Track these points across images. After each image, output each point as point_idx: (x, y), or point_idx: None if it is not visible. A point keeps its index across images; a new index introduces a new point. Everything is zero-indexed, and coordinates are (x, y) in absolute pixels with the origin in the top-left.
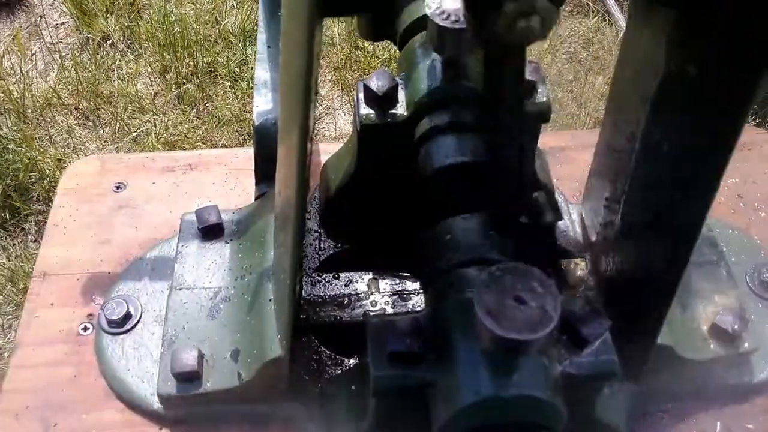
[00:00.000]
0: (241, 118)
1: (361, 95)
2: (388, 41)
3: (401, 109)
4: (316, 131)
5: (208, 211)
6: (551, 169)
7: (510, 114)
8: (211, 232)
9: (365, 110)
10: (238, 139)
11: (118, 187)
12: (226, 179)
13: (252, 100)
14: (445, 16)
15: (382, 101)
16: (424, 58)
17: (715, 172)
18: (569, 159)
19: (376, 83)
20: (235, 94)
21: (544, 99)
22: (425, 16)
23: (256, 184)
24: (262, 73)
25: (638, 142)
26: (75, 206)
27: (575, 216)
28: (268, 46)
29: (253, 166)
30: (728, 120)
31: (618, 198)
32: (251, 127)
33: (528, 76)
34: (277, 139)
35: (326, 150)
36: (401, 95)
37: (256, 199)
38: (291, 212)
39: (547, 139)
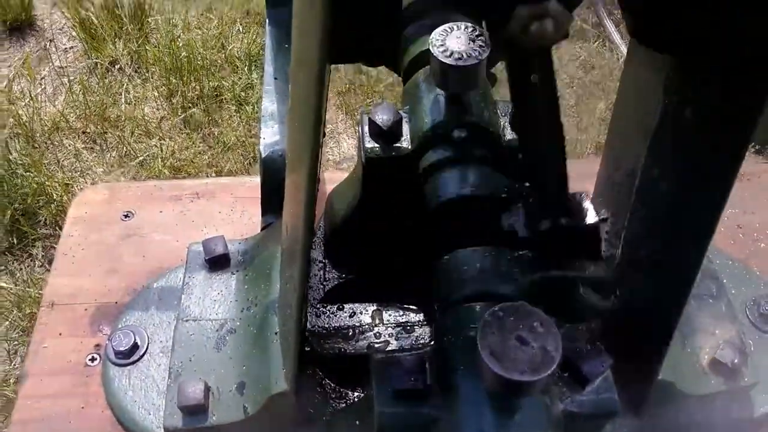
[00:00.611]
0: (246, 142)
1: (366, 128)
2: None
3: (405, 143)
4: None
5: (215, 242)
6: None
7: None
8: (217, 262)
9: (370, 143)
10: (243, 164)
11: (126, 216)
12: (233, 208)
13: (257, 124)
14: (448, 53)
15: (387, 135)
16: (428, 92)
17: (712, 212)
18: (572, 188)
19: (381, 117)
20: (240, 118)
21: None
22: (429, 50)
23: (263, 214)
24: (269, 104)
25: (638, 179)
26: (84, 235)
27: None
28: (275, 78)
29: (258, 195)
30: (724, 163)
31: (618, 233)
32: (256, 152)
33: None
34: (283, 170)
35: (331, 178)
36: (405, 129)
37: (262, 230)
38: (298, 247)
39: None
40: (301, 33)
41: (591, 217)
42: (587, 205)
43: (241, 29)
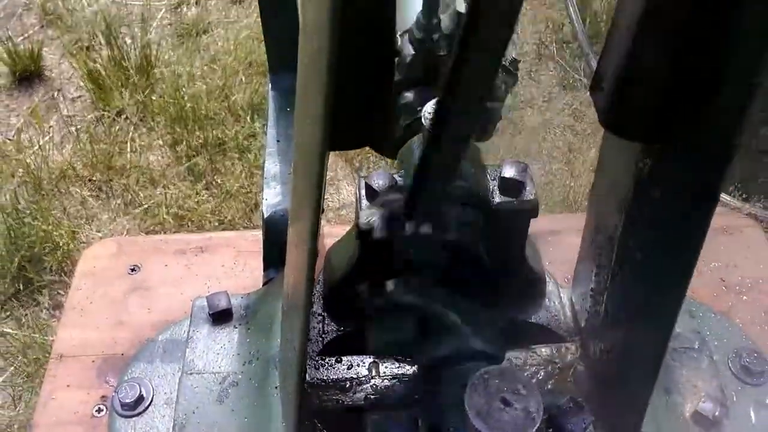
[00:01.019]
0: (248, 189)
1: (363, 192)
2: None
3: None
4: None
5: (218, 297)
6: (545, 252)
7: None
8: (220, 317)
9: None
10: (245, 211)
11: (132, 270)
12: (235, 261)
13: (258, 171)
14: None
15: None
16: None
17: (684, 276)
18: (562, 242)
19: (377, 182)
20: (242, 166)
21: (532, 197)
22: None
23: (264, 269)
24: (271, 166)
25: (616, 245)
26: (92, 288)
27: (566, 300)
28: (278, 140)
29: (259, 248)
30: (693, 235)
31: (601, 291)
32: (258, 201)
33: (516, 176)
34: (284, 229)
35: (330, 233)
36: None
37: (263, 285)
38: (300, 301)
39: (540, 223)
40: (302, 122)
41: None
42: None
43: (243, 79)
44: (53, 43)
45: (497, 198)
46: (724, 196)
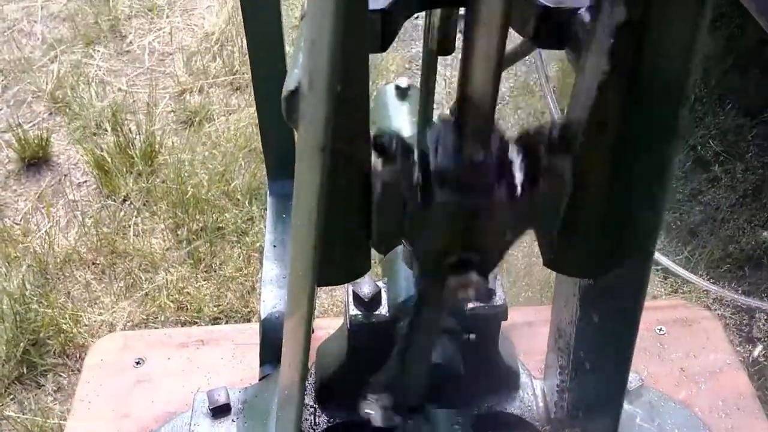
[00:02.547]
0: (245, 272)
1: (351, 298)
2: None
3: (384, 310)
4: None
5: (218, 392)
6: (519, 344)
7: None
8: (220, 411)
9: (354, 311)
10: (242, 293)
11: (137, 363)
12: (234, 354)
13: (256, 255)
14: None
15: (368, 304)
16: (402, 267)
17: (615, 397)
18: (536, 334)
19: (362, 290)
20: (240, 249)
21: (501, 302)
22: None
23: (261, 365)
24: (269, 270)
25: (572, 351)
26: (99, 381)
27: (539, 391)
28: (274, 246)
29: (256, 342)
30: (626, 353)
31: (564, 388)
32: (254, 282)
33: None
34: (279, 330)
35: (319, 325)
36: (384, 297)
37: (260, 380)
38: (294, 390)
39: (514, 315)
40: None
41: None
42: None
43: (243, 164)
44: (61, 129)
45: (471, 304)
46: (694, 278)
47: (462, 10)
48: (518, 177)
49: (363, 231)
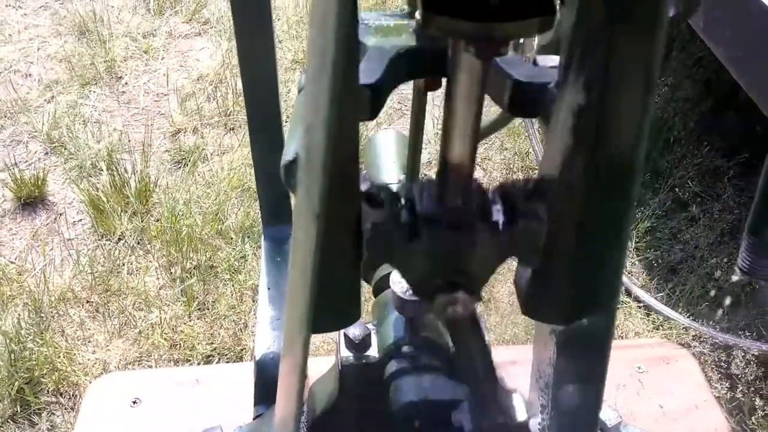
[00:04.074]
0: (238, 310)
1: (342, 340)
2: None
3: (373, 352)
4: None
5: (213, 431)
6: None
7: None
8: None
9: (345, 353)
10: (234, 331)
11: (134, 402)
12: (228, 393)
13: (248, 292)
14: (405, 290)
15: (359, 346)
16: (392, 311)
17: (592, 423)
18: (520, 372)
19: (353, 333)
20: (233, 287)
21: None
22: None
23: (255, 404)
24: (263, 312)
25: (550, 392)
26: (97, 422)
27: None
28: (269, 288)
29: (250, 381)
30: (593, 387)
31: (544, 426)
32: (247, 320)
33: None
34: (273, 371)
35: (311, 365)
36: (374, 340)
37: (254, 419)
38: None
39: (498, 354)
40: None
41: (521, 415)
42: (519, 402)
43: (236, 203)
44: (57, 169)
45: None
46: (675, 315)
47: None
48: (497, 217)
49: (354, 282)
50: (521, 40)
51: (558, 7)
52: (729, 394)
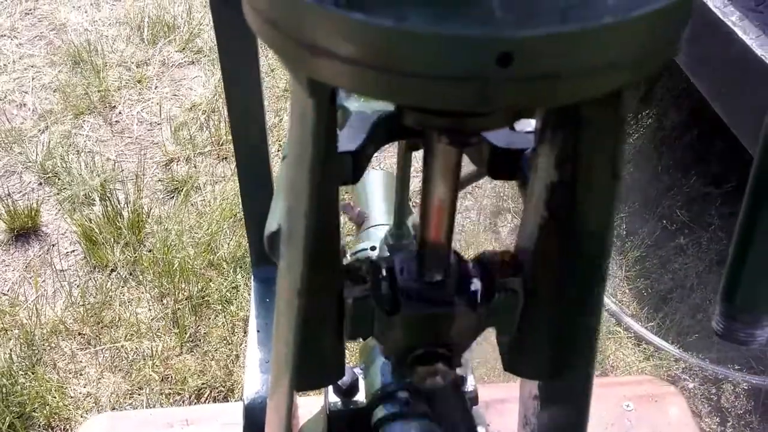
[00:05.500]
0: (230, 342)
1: (330, 387)
2: None
3: (361, 398)
4: None
5: None
6: (493, 420)
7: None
8: None
9: (333, 398)
10: (226, 363)
11: None
12: None
13: (239, 323)
14: None
15: (346, 392)
16: (379, 356)
17: None
18: (509, 411)
19: (342, 379)
20: (225, 318)
21: (472, 388)
22: None
23: None
24: (252, 355)
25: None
26: None
27: None
28: (258, 331)
29: (240, 422)
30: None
31: None
32: (239, 351)
33: (459, 371)
34: (261, 414)
35: (301, 403)
36: (362, 385)
37: None
38: None
39: (488, 392)
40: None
41: None
42: None
43: (228, 233)
44: (50, 200)
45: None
46: (665, 345)
47: None
48: (475, 290)
49: (337, 345)
50: None
51: None
52: (719, 428)
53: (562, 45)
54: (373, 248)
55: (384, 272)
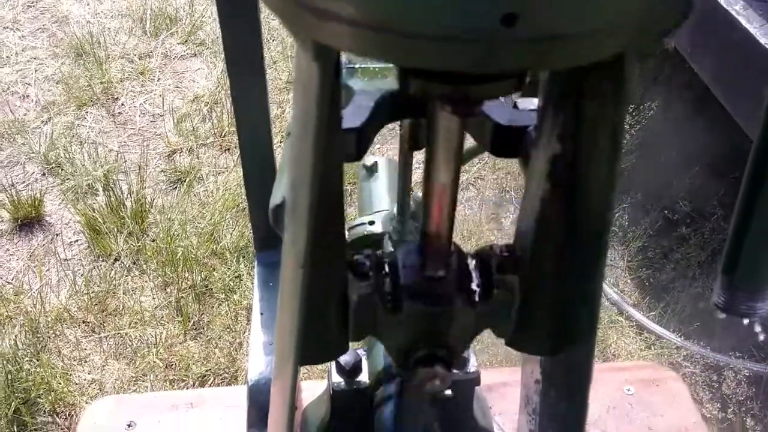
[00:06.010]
0: (233, 330)
1: (333, 366)
2: None
3: (364, 378)
4: None
5: None
6: (495, 404)
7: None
8: None
9: (336, 378)
10: (229, 350)
11: (129, 425)
12: (221, 417)
13: (243, 312)
14: None
15: (349, 372)
16: None
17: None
18: (510, 394)
19: (344, 359)
20: (228, 306)
21: (474, 368)
22: None
23: (248, 428)
24: (257, 338)
25: (537, 419)
26: None
27: None
28: (262, 314)
29: (244, 405)
30: (575, 413)
31: None
32: (242, 339)
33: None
34: (266, 395)
35: (305, 387)
36: (365, 365)
37: None
38: None
39: (490, 376)
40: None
41: None
42: None
43: (231, 223)
44: (53, 190)
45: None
46: (667, 334)
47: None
48: (475, 288)
49: (341, 318)
50: None
51: None
52: (720, 414)
53: (568, 5)
54: (371, 222)
55: (387, 268)
